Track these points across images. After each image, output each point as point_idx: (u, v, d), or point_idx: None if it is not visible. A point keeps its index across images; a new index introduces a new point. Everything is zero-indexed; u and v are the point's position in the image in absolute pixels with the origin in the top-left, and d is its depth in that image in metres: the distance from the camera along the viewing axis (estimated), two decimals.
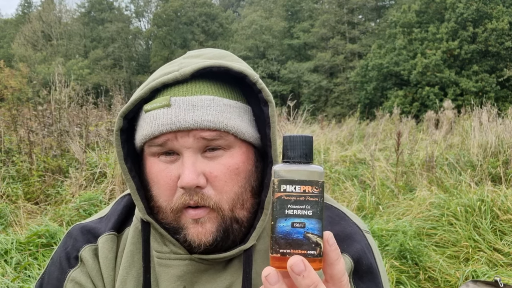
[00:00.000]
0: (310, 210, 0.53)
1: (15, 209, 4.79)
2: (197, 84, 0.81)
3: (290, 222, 0.53)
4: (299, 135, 0.56)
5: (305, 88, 34.20)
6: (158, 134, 0.78)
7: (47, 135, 6.38)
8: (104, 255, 0.90)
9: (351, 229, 0.91)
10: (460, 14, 24.29)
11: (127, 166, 0.85)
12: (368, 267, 0.87)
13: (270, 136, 0.82)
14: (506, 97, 23.09)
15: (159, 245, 0.88)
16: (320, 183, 0.54)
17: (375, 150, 8.00)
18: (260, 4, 45.04)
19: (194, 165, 0.78)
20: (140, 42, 48.98)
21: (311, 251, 0.53)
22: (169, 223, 0.83)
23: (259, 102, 0.83)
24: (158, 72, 0.86)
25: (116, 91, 8.22)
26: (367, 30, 38.42)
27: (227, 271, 0.87)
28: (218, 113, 0.79)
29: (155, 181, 0.82)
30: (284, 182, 0.54)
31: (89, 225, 0.95)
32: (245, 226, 0.84)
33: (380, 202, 5.32)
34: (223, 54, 0.89)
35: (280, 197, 0.54)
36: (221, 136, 0.79)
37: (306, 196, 0.54)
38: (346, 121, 14.56)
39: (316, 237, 0.53)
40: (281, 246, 0.53)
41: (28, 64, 33.54)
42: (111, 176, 5.49)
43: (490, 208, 4.47)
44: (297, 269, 0.51)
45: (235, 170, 0.81)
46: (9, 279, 3.25)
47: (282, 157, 0.57)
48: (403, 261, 3.75)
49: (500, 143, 6.67)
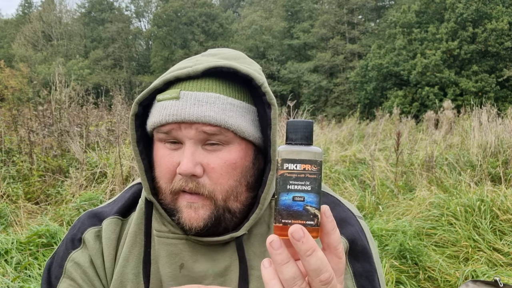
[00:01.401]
0: (309, 185, 0.59)
1: (16, 209, 4.80)
2: (207, 81, 0.88)
3: (291, 196, 0.59)
4: (301, 120, 0.62)
5: (305, 88, 34.21)
6: (165, 123, 0.85)
7: (48, 135, 6.39)
8: (107, 236, 0.97)
9: (346, 214, 0.97)
10: (460, 14, 24.29)
11: (138, 149, 0.93)
12: (362, 247, 0.93)
13: (270, 137, 0.87)
14: (505, 97, 23.09)
15: (159, 224, 0.95)
16: (318, 162, 0.60)
17: (375, 150, 8.00)
18: (260, 4, 45.04)
19: (193, 155, 0.85)
20: (140, 42, 49.00)
21: (309, 221, 0.59)
22: (167, 204, 0.90)
23: (264, 104, 0.88)
24: (176, 66, 0.93)
25: (117, 91, 8.23)
26: (367, 30, 38.42)
27: (225, 253, 0.93)
28: (221, 110, 0.85)
29: (158, 164, 0.90)
30: (287, 161, 0.60)
31: (96, 210, 1.03)
32: (237, 216, 0.91)
33: (380, 202, 5.32)
34: (238, 55, 0.95)
35: (283, 174, 0.60)
36: (221, 132, 0.85)
37: (305, 173, 0.59)
38: (346, 121, 14.57)
39: (314, 209, 0.59)
40: (283, 216, 0.59)
41: (28, 64, 33.53)
42: (112, 176, 5.50)
43: (490, 208, 4.47)
44: (297, 236, 0.56)
45: (232, 165, 0.87)
46: (10, 279, 3.25)
47: (286, 139, 0.63)
48: (403, 261, 3.76)
49: (500, 143, 6.68)
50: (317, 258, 0.56)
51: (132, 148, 0.94)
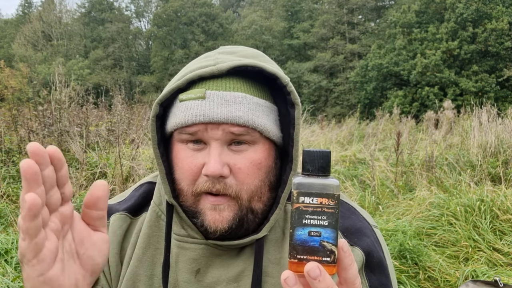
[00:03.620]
0: (326, 220, 0.58)
1: (16, 209, 4.80)
2: (231, 80, 0.85)
3: (307, 231, 0.58)
4: (318, 150, 0.60)
5: (305, 88, 34.20)
6: (191, 124, 0.83)
7: (48, 135, 6.39)
8: (113, 230, 0.96)
9: (361, 223, 0.95)
10: (460, 14, 24.29)
11: (159, 151, 0.90)
12: (379, 260, 0.91)
13: (293, 136, 0.86)
14: (505, 97, 23.08)
15: (178, 228, 0.93)
16: (336, 196, 0.58)
17: (375, 150, 8.00)
18: (260, 4, 45.05)
19: (220, 156, 0.83)
20: (140, 42, 48.99)
21: (326, 258, 0.57)
22: (188, 206, 0.88)
23: (285, 103, 0.87)
24: (194, 64, 0.90)
25: (116, 91, 8.22)
26: (367, 30, 38.41)
27: (240, 258, 0.92)
28: (248, 110, 0.83)
29: (180, 166, 0.87)
30: (303, 194, 0.58)
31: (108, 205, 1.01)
32: (259, 217, 0.89)
33: (380, 202, 5.32)
34: (256, 53, 0.93)
35: (298, 208, 0.58)
36: (248, 132, 0.83)
37: (322, 207, 0.58)
38: (346, 121, 14.56)
39: (331, 245, 0.57)
40: (298, 252, 0.58)
41: (28, 64, 33.54)
42: (111, 176, 5.50)
43: (490, 208, 4.47)
44: (313, 274, 0.55)
45: (258, 165, 0.85)
46: (10, 279, 3.25)
47: (302, 169, 0.61)
48: (403, 261, 3.75)
49: (500, 143, 6.68)
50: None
51: (153, 151, 0.91)
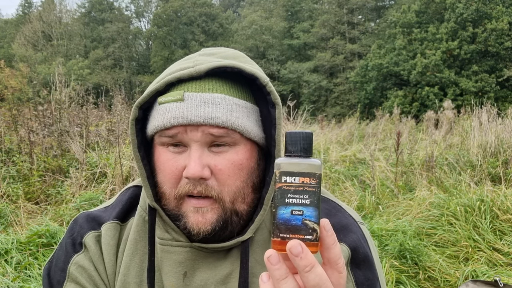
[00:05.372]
0: (308, 199, 0.58)
1: (16, 209, 4.80)
2: (210, 82, 0.85)
3: (290, 210, 0.58)
4: (300, 131, 0.61)
5: (305, 88, 34.19)
6: (170, 126, 0.82)
7: (48, 135, 6.39)
8: (107, 242, 0.94)
9: (347, 220, 0.95)
10: (460, 14, 24.29)
11: (140, 154, 0.89)
12: (364, 255, 0.92)
13: (275, 137, 0.86)
14: (505, 97, 23.09)
15: (162, 232, 0.92)
16: (317, 175, 0.59)
17: (375, 150, 8.01)
18: (260, 4, 45.04)
19: (200, 158, 0.82)
20: (140, 42, 48.97)
21: (308, 236, 0.58)
22: (171, 209, 0.87)
23: (267, 103, 0.86)
24: (174, 67, 0.89)
25: (117, 91, 8.23)
26: (367, 30, 38.42)
27: (227, 260, 0.91)
28: (227, 111, 0.83)
29: (161, 169, 0.86)
30: (285, 173, 0.59)
31: (94, 213, 0.99)
32: (244, 219, 0.88)
33: (380, 202, 5.32)
34: (237, 54, 0.92)
35: (281, 187, 0.59)
36: (228, 133, 0.83)
37: (304, 186, 0.58)
38: (346, 121, 14.55)
39: (313, 223, 0.58)
40: (281, 231, 0.58)
41: (28, 64, 33.52)
42: (111, 176, 5.50)
43: (490, 208, 4.47)
44: (295, 251, 0.55)
45: (239, 166, 0.85)
46: (10, 279, 3.25)
47: (284, 151, 0.62)
48: (403, 261, 3.76)
49: (500, 143, 6.68)
50: (316, 274, 0.55)
51: (133, 154, 0.90)
